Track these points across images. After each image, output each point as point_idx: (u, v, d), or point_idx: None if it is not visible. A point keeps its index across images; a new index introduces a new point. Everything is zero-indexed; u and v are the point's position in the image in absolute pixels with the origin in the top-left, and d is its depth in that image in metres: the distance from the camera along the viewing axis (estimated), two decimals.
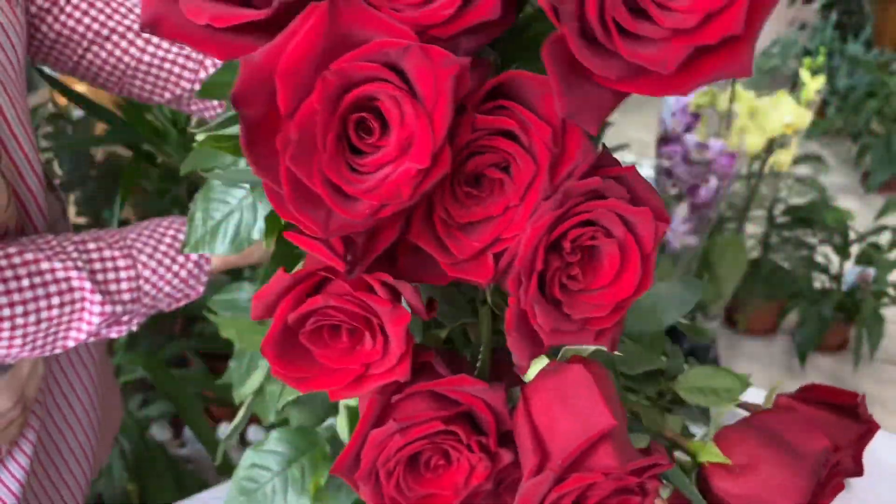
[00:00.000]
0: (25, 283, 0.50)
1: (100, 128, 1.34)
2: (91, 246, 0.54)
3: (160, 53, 0.68)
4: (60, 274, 0.52)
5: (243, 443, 1.41)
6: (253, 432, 1.40)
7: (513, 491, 0.32)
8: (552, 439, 0.29)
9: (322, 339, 0.32)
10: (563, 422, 0.30)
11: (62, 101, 1.36)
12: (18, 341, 0.52)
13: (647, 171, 1.78)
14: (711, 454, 0.35)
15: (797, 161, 1.64)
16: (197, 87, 0.70)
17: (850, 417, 0.37)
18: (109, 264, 0.55)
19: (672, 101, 1.28)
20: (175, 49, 0.69)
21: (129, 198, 1.22)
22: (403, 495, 0.32)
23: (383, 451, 0.31)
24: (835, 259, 1.78)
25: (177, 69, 0.69)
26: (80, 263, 0.53)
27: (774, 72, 2.68)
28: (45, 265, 0.52)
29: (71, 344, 0.56)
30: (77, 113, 1.37)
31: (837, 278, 1.78)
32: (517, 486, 0.30)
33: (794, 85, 1.33)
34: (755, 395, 0.41)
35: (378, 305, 0.30)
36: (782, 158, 1.37)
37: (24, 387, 0.63)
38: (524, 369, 0.32)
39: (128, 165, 1.24)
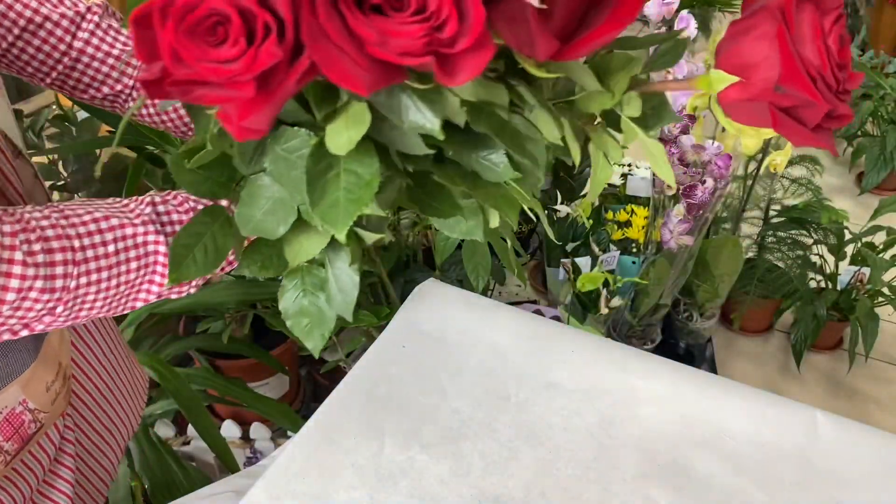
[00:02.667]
0: (111, 248, 0.53)
1: (103, 129, 1.35)
2: (161, 209, 0.57)
3: (104, 47, 0.67)
4: (140, 238, 0.55)
5: (245, 440, 1.42)
6: (254, 430, 1.41)
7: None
8: None
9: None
10: None
11: (66, 102, 1.37)
12: (100, 302, 0.54)
13: (644, 172, 1.80)
14: (723, 80, 0.37)
15: (792, 162, 1.66)
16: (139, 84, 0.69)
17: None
18: (179, 227, 0.57)
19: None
20: (120, 43, 0.67)
21: None
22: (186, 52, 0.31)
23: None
24: (830, 259, 1.80)
25: (121, 64, 0.67)
26: (159, 227, 0.56)
27: None
28: (129, 230, 0.54)
29: (140, 305, 0.58)
30: (81, 114, 1.38)
31: (832, 278, 1.80)
32: None
33: None
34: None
35: None
36: (778, 160, 1.38)
37: (59, 356, 0.65)
38: None
39: (132, 167, 1.25)
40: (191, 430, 1.39)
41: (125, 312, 0.58)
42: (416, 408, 0.68)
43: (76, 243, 0.51)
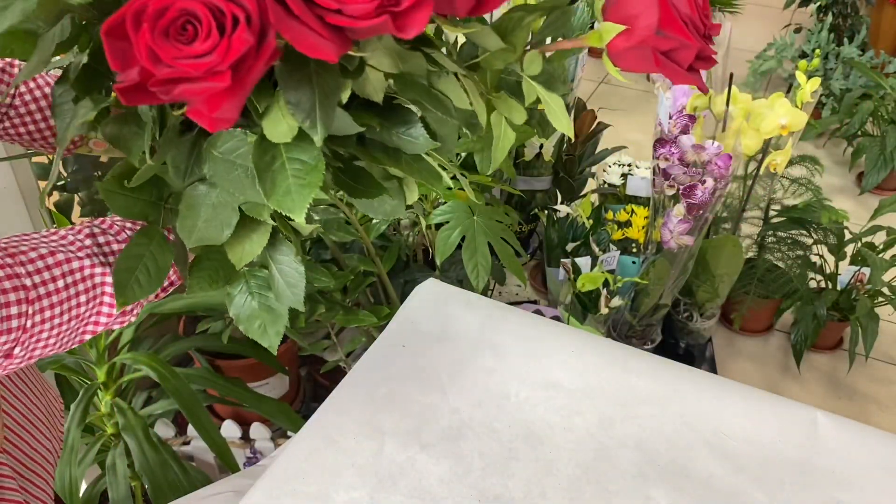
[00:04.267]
0: (60, 283, 0.52)
1: None
2: (101, 240, 0.56)
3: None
4: (87, 271, 0.54)
5: (245, 440, 1.42)
6: (254, 430, 1.41)
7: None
8: None
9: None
10: None
11: None
12: (53, 339, 0.54)
13: (644, 172, 1.80)
14: (611, 30, 0.43)
15: (792, 162, 1.66)
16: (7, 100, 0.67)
17: None
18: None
19: (669, 104, 1.29)
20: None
21: None
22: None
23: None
24: (830, 259, 1.80)
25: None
26: (102, 259, 0.55)
27: (770, 74, 2.69)
28: (75, 264, 0.53)
29: (87, 338, 0.57)
30: None
31: (832, 278, 1.80)
32: None
33: (789, 87, 1.34)
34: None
35: None
36: (778, 160, 1.38)
37: None
38: None
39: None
40: (191, 430, 1.39)
41: (73, 347, 0.58)
42: (416, 408, 0.68)
43: (27, 281, 0.50)
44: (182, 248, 0.56)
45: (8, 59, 0.64)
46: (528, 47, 0.47)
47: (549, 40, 0.49)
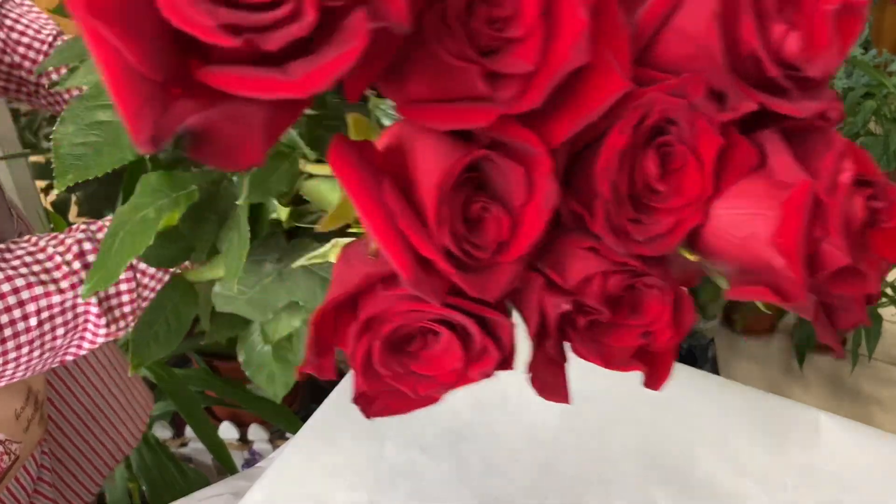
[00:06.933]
0: (33, 321, 0.48)
1: None
2: (90, 259, 0.52)
3: (15, 33, 0.63)
4: (69, 303, 0.50)
5: (244, 441, 1.41)
6: (252, 432, 1.41)
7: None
8: None
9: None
10: None
11: None
12: (21, 372, 0.51)
13: None
14: None
15: None
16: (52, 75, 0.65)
17: None
18: (112, 290, 0.52)
19: None
20: (31, 28, 0.63)
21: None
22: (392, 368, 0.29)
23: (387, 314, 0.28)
24: None
25: (31, 53, 0.64)
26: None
27: None
28: (55, 298, 0.49)
29: (70, 359, 0.55)
30: None
31: None
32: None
33: None
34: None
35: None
36: None
37: (27, 380, 0.63)
38: None
39: (129, 165, 1.24)
40: (189, 431, 1.38)
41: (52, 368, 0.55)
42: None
43: None
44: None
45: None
46: None
47: None
